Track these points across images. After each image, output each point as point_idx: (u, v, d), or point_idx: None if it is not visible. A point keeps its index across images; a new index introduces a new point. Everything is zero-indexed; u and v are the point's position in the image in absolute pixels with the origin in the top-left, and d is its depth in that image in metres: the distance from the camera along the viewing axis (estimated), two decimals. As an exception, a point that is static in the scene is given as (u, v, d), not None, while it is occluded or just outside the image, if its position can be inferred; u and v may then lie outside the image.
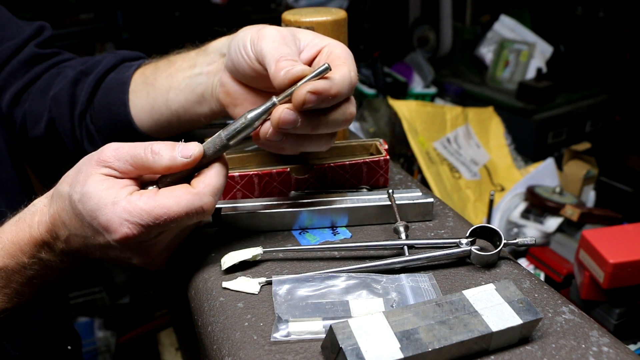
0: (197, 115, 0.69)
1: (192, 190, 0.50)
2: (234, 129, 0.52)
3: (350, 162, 0.66)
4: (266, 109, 0.52)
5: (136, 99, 0.73)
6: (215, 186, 0.51)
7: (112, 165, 0.50)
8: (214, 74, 0.64)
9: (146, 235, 0.49)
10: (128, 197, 0.49)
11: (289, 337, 0.46)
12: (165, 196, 0.49)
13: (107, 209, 0.48)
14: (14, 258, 0.54)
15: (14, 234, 0.54)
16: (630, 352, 0.44)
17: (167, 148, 0.51)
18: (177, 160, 0.50)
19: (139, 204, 0.48)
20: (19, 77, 0.79)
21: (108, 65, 0.77)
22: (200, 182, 0.51)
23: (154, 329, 1.76)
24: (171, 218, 0.49)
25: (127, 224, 0.48)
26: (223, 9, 2.86)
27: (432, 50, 2.51)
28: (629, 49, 2.17)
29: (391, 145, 1.93)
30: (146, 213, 0.48)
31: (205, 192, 0.50)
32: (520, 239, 0.55)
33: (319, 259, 0.57)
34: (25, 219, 0.55)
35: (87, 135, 0.78)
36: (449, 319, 0.43)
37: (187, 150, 0.51)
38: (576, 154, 1.89)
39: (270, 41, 0.54)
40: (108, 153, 0.51)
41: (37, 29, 0.82)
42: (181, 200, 0.49)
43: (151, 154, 0.50)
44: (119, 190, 0.49)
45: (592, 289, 1.16)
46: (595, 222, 1.61)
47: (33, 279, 0.56)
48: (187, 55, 0.69)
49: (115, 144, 0.52)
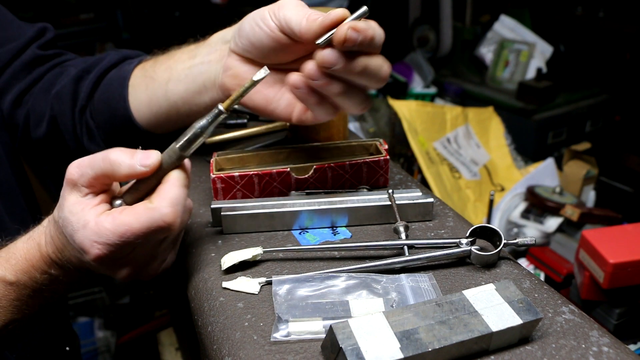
0: (196, 105, 0.68)
1: (149, 205, 0.51)
2: (186, 139, 0.53)
3: (350, 162, 0.66)
4: (214, 116, 0.53)
5: (135, 93, 0.73)
6: (173, 197, 0.52)
7: (78, 182, 0.52)
8: (215, 62, 0.64)
9: (118, 252, 0.51)
10: (96, 218, 0.51)
11: (289, 337, 0.46)
12: (127, 214, 0.50)
13: (79, 233, 0.51)
14: (26, 274, 0.56)
15: (25, 251, 0.57)
16: (630, 352, 0.44)
17: (126, 156, 0.52)
18: (136, 169, 0.52)
19: (105, 225, 0.50)
20: (21, 78, 0.79)
21: (111, 62, 0.77)
22: (156, 196, 0.52)
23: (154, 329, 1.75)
24: (135, 235, 0.50)
25: (96, 245, 0.50)
26: (223, 9, 2.86)
27: (432, 50, 2.51)
28: (629, 49, 2.17)
29: (391, 145, 1.93)
30: (111, 233, 0.50)
31: (163, 205, 0.51)
32: (520, 239, 0.55)
33: (319, 259, 0.57)
34: (34, 237, 0.57)
35: (86, 132, 0.78)
36: (449, 319, 0.43)
37: (145, 159, 0.52)
38: (576, 154, 1.89)
39: (292, 7, 0.56)
40: (72, 170, 0.52)
41: (39, 31, 0.82)
42: (140, 216, 0.50)
43: (109, 164, 0.51)
44: (88, 212, 0.51)
45: (592, 289, 1.16)
46: (595, 222, 1.61)
47: (44, 292, 0.58)
48: (188, 48, 0.69)
49: (78, 160, 0.53)
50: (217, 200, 0.65)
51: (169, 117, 0.72)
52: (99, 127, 0.77)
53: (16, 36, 0.80)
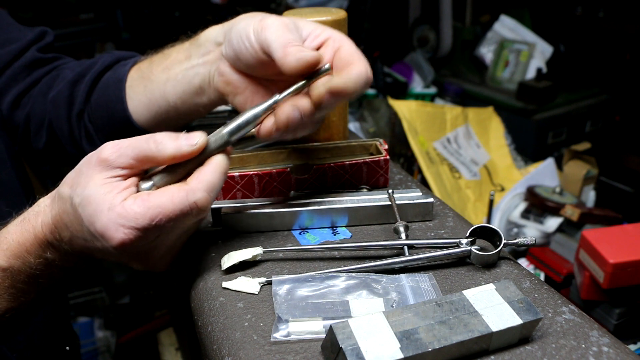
0: (195, 105, 0.69)
1: (185, 187, 0.48)
2: (236, 125, 0.52)
3: (350, 162, 0.66)
4: (268, 106, 0.53)
5: (133, 94, 0.73)
6: (210, 182, 0.49)
7: (113, 163, 0.49)
8: (210, 63, 0.64)
9: (144, 239, 0.48)
10: (123, 202, 0.47)
11: (289, 337, 0.46)
12: (158, 195, 0.48)
13: (103, 214, 0.47)
14: (19, 258, 0.53)
15: (19, 235, 0.53)
16: (630, 352, 0.44)
17: (171, 137, 0.49)
18: (182, 149, 0.49)
19: (133, 208, 0.47)
20: (20, 80, 0.80)
21: (104, 64, 0.77)
22: (193, 179, 0.49)
23: (154, 329, 1.76)
24: (167, 217, 0.47)
25: (122, 229, 0.47)
26: (223, 9, 2.86)
27: (432, 50, 2.51)
28: (629, 49, 2.17)
29: (391, 145, 1.93)
30: (141, 216, 0.47)
31: (199, 188, 0.48)
32: (520, 239, 0.55)
33: (319, 259, 0.57)
34: (29, 219, 0.54)
35: (85, 135, 0.78)
36: (449, 319, 0.43)
37: (191, 138, 0.49)
38: (576, 154, 1.89)
39: (274, 30, 0.55)
40: (108, 150, 0.49)
41: (39, 34, 0.83)
42: (174, 197, 0.47)
43: (154, 144, 0.49)
44: (115, 195, 0.48)
45: (592, 289, 1.16)
46: (595, 222, 1.61)
47: (39, 278, 0.55)
48: (182, 47, 0.69)
49: (115, 141, 0.50)
50: (217, 200, 0.65)
51: (168, 116, 0.72)
52: (98, 130, 0.77)
53: (16, 38, 0.80)
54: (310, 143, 0.71)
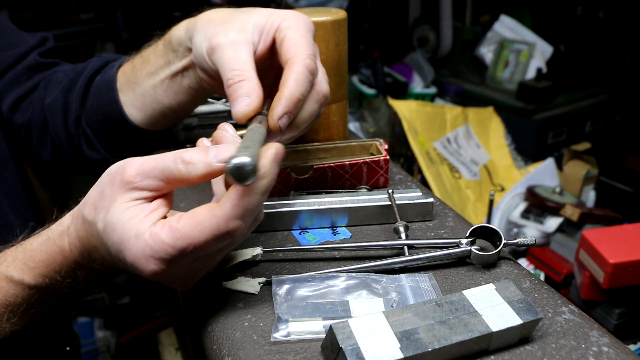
0: (192, 102, 0.71)
1: (217, 213, 0.42)
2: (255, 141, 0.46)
3: (350, 162, 0.66)
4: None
5: (125, 97, 0.74)
6: (246, 207, 0.42)
7: (138, 185, 0.45)
8: (190, 67, 0.65)
9: (177, 266, 0.45)
10: (151, 228, 0.43)
11: (289, 337, 0.46)
12: (188, 224, 0.43)
13: (131, 244, 0.43)
14: (47, 277, 0.51)
15: (45, 255, 0.51)
16: (630, 352, 0.44)
17: (200, 154, 0.44)
18: (213, 167, 0.44)
19: (161, 237, 0.43)
20: (21, 83, 0.81)
21: (94, 68, 0.78)
22: (228, 202, 0.42)
23: (154, 329, 1.76)
24: (198, 248, 0.43)
25: (152, 260, 0.43)
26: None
27: (432, 50, 2.51)
28: (629, 49, 2.17)
29: (391, 145, 1.93)
30: (170, 247, 0.43)
31: (232, 216, 0.42)
32: (520, 239, 0.55)
33: (319, 259, 0.57)
34: (54, 240, 0.51)
35: (85, 141, 0.79)
36: (449, 319, 0.43)
37: (223, 153, 0.43)
38: (576, 154, 1.89)
39: (220, 54, 0.55)
40: (132, 172, 0.45)
41: (41, 40, 0.84)
42: (204, 227, 0.42)
43: (183, 165, 0.44)
44: (142, 220, 0.44)
45: (592, 289, 1.16)
46: (595, 222, 1.61)
47: (67, 295, 0.53)
48: (158, 50, 0.69)
49: (139, 159, 0.46)
50: (217, 200, 0.65)
51: (165, 116, 0.73)
52: (97, 134, 0.78)
53: (19, 43, 0.82)
54: (310, 143, 0.71)
